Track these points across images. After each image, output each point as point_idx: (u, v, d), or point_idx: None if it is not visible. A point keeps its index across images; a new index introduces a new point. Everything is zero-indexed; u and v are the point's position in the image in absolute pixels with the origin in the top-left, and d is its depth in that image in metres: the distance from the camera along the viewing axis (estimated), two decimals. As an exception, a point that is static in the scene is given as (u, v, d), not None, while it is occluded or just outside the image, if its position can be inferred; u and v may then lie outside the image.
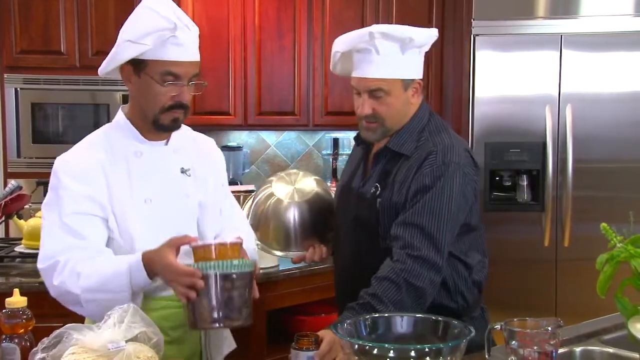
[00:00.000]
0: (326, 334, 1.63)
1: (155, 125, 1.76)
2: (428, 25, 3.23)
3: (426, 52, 1.88)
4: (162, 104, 1.72)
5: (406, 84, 1.81)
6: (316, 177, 2.04)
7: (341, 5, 4.13)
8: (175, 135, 1.84)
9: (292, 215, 1.91)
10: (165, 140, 1.82)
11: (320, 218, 1.95)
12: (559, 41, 3.55)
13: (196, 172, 1.85)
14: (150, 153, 1.79)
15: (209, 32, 4.11)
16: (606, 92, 3.54)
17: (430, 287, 1.68)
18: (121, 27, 1.77)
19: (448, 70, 3.95)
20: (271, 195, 1.96)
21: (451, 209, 1.71)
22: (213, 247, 1.58)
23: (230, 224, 1.92)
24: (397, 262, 1.68)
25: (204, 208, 1.84)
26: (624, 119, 3.53)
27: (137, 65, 1.73)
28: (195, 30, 1.76)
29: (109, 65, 1.80)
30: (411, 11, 4.03)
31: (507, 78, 3.62)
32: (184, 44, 1.70)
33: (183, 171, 1.82)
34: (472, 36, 3.62)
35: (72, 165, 1.76)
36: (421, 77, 1.85)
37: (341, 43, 1.87)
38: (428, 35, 1.84)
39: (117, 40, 1.75)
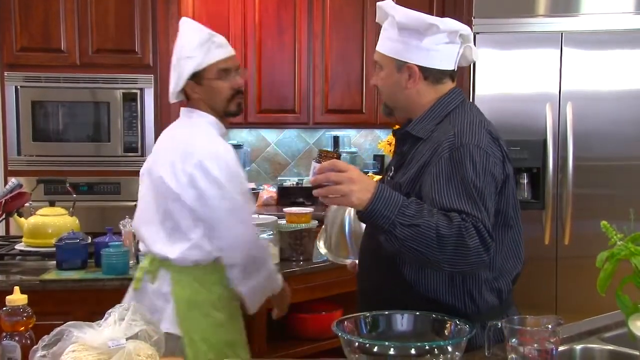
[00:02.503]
0: (351, 167, 1.55)
1: (227, 115, 2.18)
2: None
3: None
4: (226, 96, 2.15)
5: (399, 64, 1.77)
6: None
7: (341, 2, 4.13)
8: None
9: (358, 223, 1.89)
10: None
11: None
12: (559, 39, 3.55)
13: None
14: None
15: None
16: (607, 89, 3.54)
17: (473, 255, 1.53)
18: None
19: (448, 68, 3.95)
20: (337, 208, 1.96)
21: (479, 186, 1.59)
22: None
23: None
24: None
25: None
26: (625, 117, 3.53)
27: (196, 77, 2.12)
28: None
29: (177, 87, 2.16)
30: (411, 8, 4.02)
31: (508, 76, 3.62)
32: (222, 44, 2.16)
33: None
34: (472, 34, 3.62)
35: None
36: (420, 63, 1.75)
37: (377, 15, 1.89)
38: (413, 20, 1.75)
39: (173, 62, 2.16)
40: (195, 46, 2.11)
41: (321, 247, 2.05)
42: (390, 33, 1.77)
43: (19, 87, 3.91)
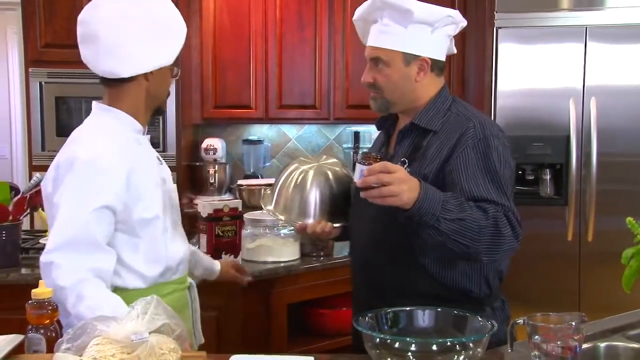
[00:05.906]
0: (399, 168, 1.58)
1: (158, 112, 1.95)
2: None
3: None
4: (168, 91, 1.95)
5: (408, 58, 1.79)
6: (339, 161, 2.12)
7: (362, -3, 4.12)
8: None
9: (315, 186, 1.97)
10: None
11: (338, 197, 1.98)
12: (583, 33, 3.51)
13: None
14: (146, 143, 1.93)
15: (230, 26, 4.12)
16: (631, 84, 3.50)
17: (507, 243, 1.63)
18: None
19: (470, 63, 3.92)
20: (296, 168, 2.03)
21: (505, 176, 1.70)
22: None
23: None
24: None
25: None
26: (650, 112, 3.48)
27: None
28: None
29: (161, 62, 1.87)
30: (433, 3, 4.00)
31: (531, 71, 3.59)
32: None
33: (159, 159, 1.97)
34: (494, 28, 3.59)
35: (102, 159, 1.79)
36: (430, 56, 1.81)
37: (357, 12, 1.91)
38: (431, 13, 1.80)
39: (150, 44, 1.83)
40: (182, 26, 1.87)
41: (270, 209, 2.05)
42: (394, 28, 1.79)
43: (43, 83, 3.96)
